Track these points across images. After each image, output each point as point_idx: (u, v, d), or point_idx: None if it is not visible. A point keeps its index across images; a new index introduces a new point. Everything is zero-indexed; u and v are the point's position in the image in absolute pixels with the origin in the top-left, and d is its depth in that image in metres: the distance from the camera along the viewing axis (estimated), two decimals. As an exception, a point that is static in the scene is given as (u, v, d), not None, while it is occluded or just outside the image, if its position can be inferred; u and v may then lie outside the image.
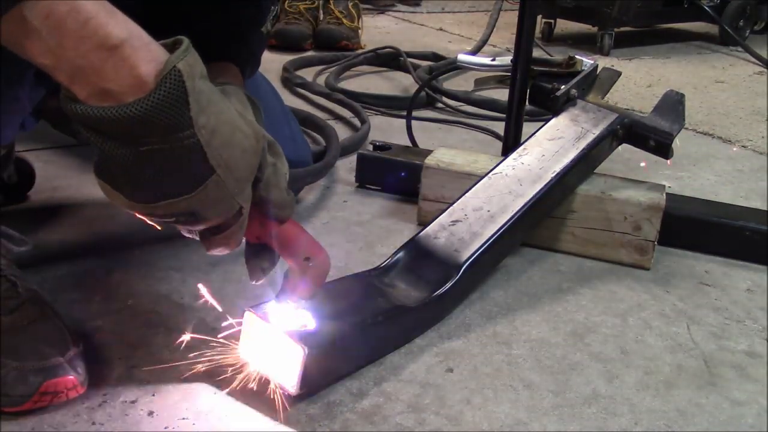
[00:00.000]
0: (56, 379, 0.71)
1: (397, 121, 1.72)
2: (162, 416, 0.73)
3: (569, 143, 1.11)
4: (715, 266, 1.14)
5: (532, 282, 1.05)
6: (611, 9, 2.60)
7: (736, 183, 1.49)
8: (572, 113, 1.17)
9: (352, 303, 0.85)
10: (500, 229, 0.99)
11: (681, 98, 1.18)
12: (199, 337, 0.81)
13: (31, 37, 0.55)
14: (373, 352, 0.85)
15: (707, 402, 0.82)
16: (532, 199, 1.03)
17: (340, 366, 0.80)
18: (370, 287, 0.89)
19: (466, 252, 0.95)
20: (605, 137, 1.13)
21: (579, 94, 1.20)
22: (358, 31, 2.50)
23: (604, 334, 0.94)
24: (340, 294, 0.86)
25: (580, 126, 1.15)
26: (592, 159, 1.13)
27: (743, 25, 2.95)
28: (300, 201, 1.24)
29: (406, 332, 0.89)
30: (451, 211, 1.02)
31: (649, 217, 1.09)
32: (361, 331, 0.81)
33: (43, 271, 0.97)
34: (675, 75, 2.43)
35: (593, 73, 1.26)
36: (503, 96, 1.34)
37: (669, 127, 1.14)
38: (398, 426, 0.75)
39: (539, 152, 1.10)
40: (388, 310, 0.85)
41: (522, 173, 1.07)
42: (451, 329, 0.92)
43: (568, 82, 1.21)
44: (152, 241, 1.07)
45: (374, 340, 0.84)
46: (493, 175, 1.07)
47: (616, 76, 1.32)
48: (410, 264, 0.94)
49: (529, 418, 0.77)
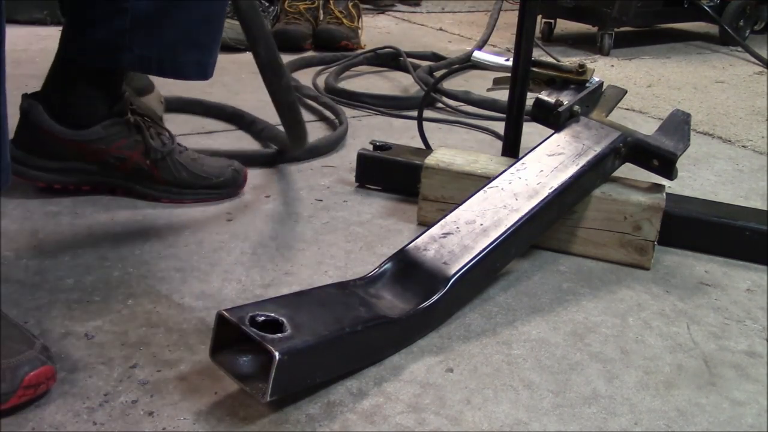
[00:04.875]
0: (37, 371, 0.72)
1: (397, 121, 1.72)
2: (162, 416, 0.73)
3: (569, 159, 1.09)
4: (715, 266, 1.14)
5: (532, 282, 1.05)
6: (611, 9, 2.60)
7: (736, 183, 1.49)
8: (574, 129, 1.16)
9: (332, 311, 0.82)
10: (492, 243, 0.96)
11: (687, 118, 1.16)
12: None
13: None
14: (351, 361, 0.81)
15: (707, 402, 0.82)
16: (527, 214, 1.00)
17: (314, 374, 0.77)
18: (353, 296, 0.86)
19: (455, 265, 0.92)
20: (607, 155, 1.11)
21: (583, 110, 1.19)
22: (358, 31, 2.50)
23: (604, 334, 0.94)
24: (319, 302, 0.83)
25: (581, 142, 1.13)
26: (593, 176, 1.11)
27: (743, 25, 2.95)
28: (300, 201, 1.25)
29: (387, 344, 0.85)
30: (443, 223, 0.99)
31: (649, 217, 1.09)
32: (337, 339, 0.78)
33: (43, 271, 0.97)
34: (675, 75, 2.43)
35: (598, 90, 1.25)
36: (503, 96, 1.34)
37: (673, 147, 1.12)
38: (398, 426, 0.75)
39: (538, 167, 1.08)
40: (368, 320, 0.82)
41: (519, 188, 1.05)
42: (451, 329, 0.92)
43: (572, 96, 1.19)
44: (152, 241, 1.07)
45: (352, 349, 0.81)
46: (488, 188, 1.05)
47: (622, 94, 1.30)
48: (397, 275, 0.91)
49: (529, 418, 0.77)
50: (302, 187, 1.31)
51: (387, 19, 3.19)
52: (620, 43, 2.73)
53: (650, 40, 2.96)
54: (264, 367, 0.72)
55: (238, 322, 0.73)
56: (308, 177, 1.36)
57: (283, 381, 0.71)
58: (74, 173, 1.16)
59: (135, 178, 1.18)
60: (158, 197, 1.20)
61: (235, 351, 0.76)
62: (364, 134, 1.60)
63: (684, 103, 2.05)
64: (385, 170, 1.30)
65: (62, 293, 0.92)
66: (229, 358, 0.75)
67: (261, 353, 0.72)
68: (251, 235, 1.12)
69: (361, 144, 1.36)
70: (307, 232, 1.14)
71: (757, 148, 1.72)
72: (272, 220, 1.18)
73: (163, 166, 1.18)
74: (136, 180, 1.19)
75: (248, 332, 0.72)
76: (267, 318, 0.75)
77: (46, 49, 2.07)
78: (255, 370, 0.74)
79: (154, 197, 1.20)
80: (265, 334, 0.72)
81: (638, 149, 1.14)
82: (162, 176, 1.19)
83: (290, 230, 1.15)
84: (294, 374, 0.73)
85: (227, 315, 0.74)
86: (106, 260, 1.01)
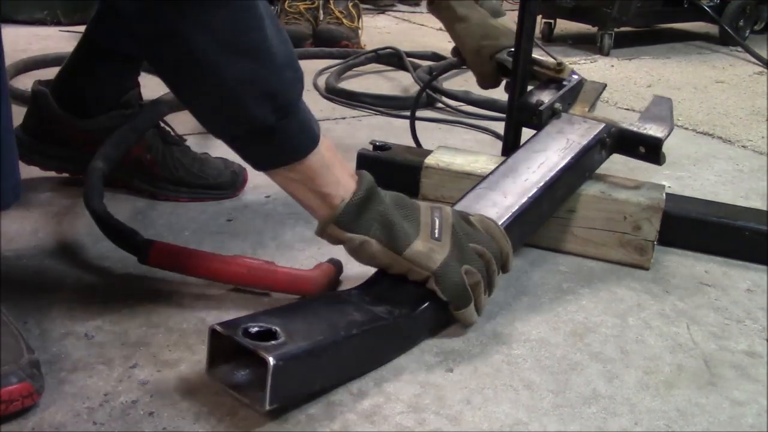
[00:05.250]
0: (10, 387, 0.68)
1: (397, 121, 1.72)
2: (162, 416, 0.73)
3: (555, 154, 1.10)
4: (715, 266, 1.14)
5: (532, 282, 1.05)
6: (611, 9, 2.60)
7: (736, 183, 1.49)
8: (558, 126, 1.17)
9: (326, 318, 0.81)
10: None
11: (669, 102, 1.17)
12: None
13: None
14: (351, 367, 0.80)
15: (707, 402, 0.82)
16: (518, 210, 1.00)
17: (313, 381, 0.76)
18: (347, 304, 0.86)
19: None
20: (592, 146, 1.12)
21: (564, 108, 1.20)
22: (358, 31, 2.51)
23: (604, 334, 0.94)
24: (311, 311, 0.83)
25: (566, 137, 1.13)
26: (581, 169, 1.11)
27: (743, 25, 2.95)
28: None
29: (385, 349, 0.85)
30: None
31: (648, 217, 1.09)
32: (333, 344, 0.77)
33: (43, 271, 0.97)
34: (675, 75, 2.43)
35: (578, 87, 1.26)
36: (503, 96, 1.34)
37: (658, 132, 1.12)
38: (398, 426, 0.75)
39: (525, 165, 1.08)
40: (364, 323, 0.81)
41: (507, 186, 1.05)
42: (451, 329, 0.92)
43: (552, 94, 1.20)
44: (152, 241, 1.07)
45: (350, 354, 0.80)
46: (479, 188, 1.05)
47: (602, 88, 1.32)
48: (393, 280, 0.90)
49: (529, 418, 0.77)
50: (302, 187, 1.31)
51: (387, 19, 3.19)
52: (620, 43, 2.73)
53: (650, 40, 2.96)
54: (262, 379, 0.70)
55: (231, 333, 0.72)
56: (308, 177, 1.35)
57: (280, 388, 0.70)
58: (76, 161, 1.17)
59: (134, 172, 1.19)
60: (155, 193, 1.20)
61: (232, 366, 0.75)
62: (364, 134, 1.60)
63: (684, 103, 2.05)
64: (385, 170, 1.30)
65: (62, 293, 0.92)
66: (226, 373, 0.74)
67: (258, 365, 0.71)
68: (251, 235, 1.12)
69: (361, 144, 1.36)
70: (307, 232, 1.14)
71: (757, 148, 1.72)
72: (272, 220, 1.18)
73: (163, 162, 1.19)
74: (135, 174, 1.19)
75: (241, 342, 0.71)
76: (260, 329, 0.74)
77: (46, 49, 2.07)
78: (253, 383, 0.73)
79: (150, 193, 1.20)
80: (259, 342, 0.71)
81: (623, 138, 1.14)
82: (161, 173, 1.19)
83: (290, 230, 1.15)
84: (291, 381, 0.72)
85: (219, 329, 0.73)
86: (106, 260, 1.01)
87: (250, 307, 0.91)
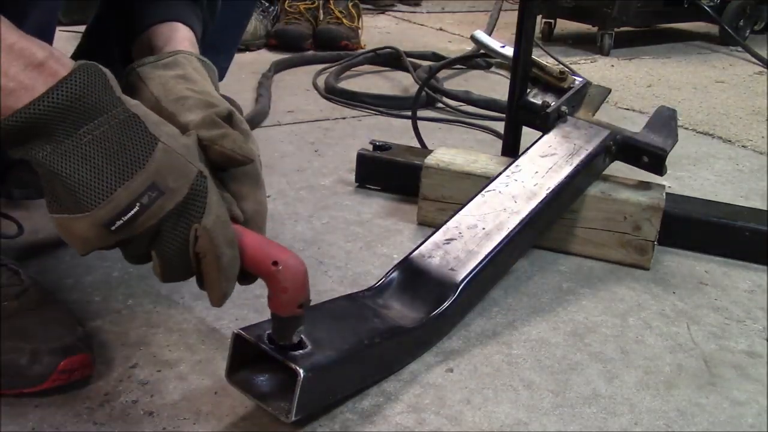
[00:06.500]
0: (74, 357, 0.73)
1: (397, 121, 1.72)
2: (162, 416, 0.73)
3: (563, 159, 1.10)
4: (715, 266, 1.14)
5: (532, 282, 1.05)
6: (611, 9, 2.60)
7: (736, 183, 1.49)
8: (564, 130, 1.16)
9: (348, 325, 0.81)
10: (497, 246, 0.95)
11: (673, 114, 1.17)
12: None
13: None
14: (369, 375, 0.80)
15: (707, 402, 0.82)
16: (528, 215, 1.00)
17: (335, 390, 0.76)
18: (365, 308, 0.86)
19: (462, 271, 0.92)
20: (599, 153, 1.12)
21: (569, 110, 1.19)
22: (358, 31, 2.50)
23: (604, 334, 0.94)
24: (333, 315, 0.82)
25: (572, 142, 1.13)
26: (587, 175, 1.11)
27: (743, 25, 2.95)
28: (300, 201, 1.25)
29: (403, 354, 0.85)
30: (444, 229, 0.98)
31: (648, 217, 1.09)
32: (358, 353, 0.77)
33: (43, 272, 0.97)
34: (675, 75, 2.43)
35: (583, 90, 1.25)
36: (503, 96, 1.34)
37: (663, 143, 1.12)
38: (398, 426, 0.75)
39: (533, 169, 1.08)
40: (384, 332, 0.81)
41: (516, 190, 1.04)
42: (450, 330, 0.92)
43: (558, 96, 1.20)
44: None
45: (371, 362, 0.80)
46: (486, 192, 1.05)
47: (606, 92, 1.31)
48: (404, 284, 0.90)
49: (529, 418, 0.77)
50: (302, 187, 1.31)
51: (387, 19, 3.19)
52: (620, 43, 2.72)
53: (650, 40, 2.95)
54: (283, 385, 0.70)
55: (257, 341, 0.71)
56: (308, 177, 1.36)
57: (307, 399, 0.69)
58: None
59: None
60: None
61: (252, 370, 0.74)
62: (364, 134, 1.60)
63: (684, 103, 2.05)
64: (385, 170, 1.30)
65: (62, 293, 0.92)
66: (247, 378, 0.73)
67: (279, 371, 0.70)
68: (251, 235, 1.12)
69: (361, 144, 1.36)
70: (307, 232, 1.14)
71: (757, 148, 1.72)
72: (272, 220, 1.18)
73: None
74: None
75: (269, 352, 0.70)
76: None
77: (46, 49, 2.07)
78: (273, 389, 0.72)
79: None
80: (288, 353, 0.70)
81: (628, 147, 1.14)
82: None
83: (290, 230, 1.15)
84: (317, 392, 0.72)
85: (245, 334, 0.72)
86: (106, 260, 1.01)
87: (250, 306, 0.91)
